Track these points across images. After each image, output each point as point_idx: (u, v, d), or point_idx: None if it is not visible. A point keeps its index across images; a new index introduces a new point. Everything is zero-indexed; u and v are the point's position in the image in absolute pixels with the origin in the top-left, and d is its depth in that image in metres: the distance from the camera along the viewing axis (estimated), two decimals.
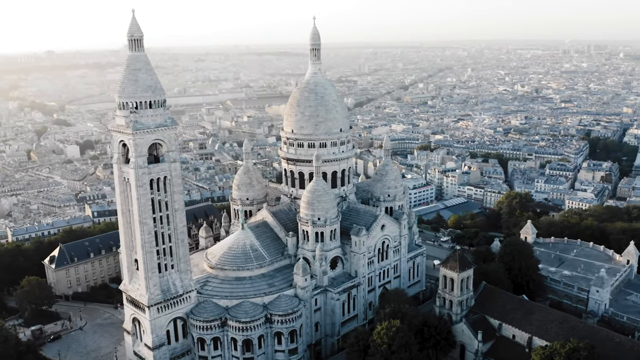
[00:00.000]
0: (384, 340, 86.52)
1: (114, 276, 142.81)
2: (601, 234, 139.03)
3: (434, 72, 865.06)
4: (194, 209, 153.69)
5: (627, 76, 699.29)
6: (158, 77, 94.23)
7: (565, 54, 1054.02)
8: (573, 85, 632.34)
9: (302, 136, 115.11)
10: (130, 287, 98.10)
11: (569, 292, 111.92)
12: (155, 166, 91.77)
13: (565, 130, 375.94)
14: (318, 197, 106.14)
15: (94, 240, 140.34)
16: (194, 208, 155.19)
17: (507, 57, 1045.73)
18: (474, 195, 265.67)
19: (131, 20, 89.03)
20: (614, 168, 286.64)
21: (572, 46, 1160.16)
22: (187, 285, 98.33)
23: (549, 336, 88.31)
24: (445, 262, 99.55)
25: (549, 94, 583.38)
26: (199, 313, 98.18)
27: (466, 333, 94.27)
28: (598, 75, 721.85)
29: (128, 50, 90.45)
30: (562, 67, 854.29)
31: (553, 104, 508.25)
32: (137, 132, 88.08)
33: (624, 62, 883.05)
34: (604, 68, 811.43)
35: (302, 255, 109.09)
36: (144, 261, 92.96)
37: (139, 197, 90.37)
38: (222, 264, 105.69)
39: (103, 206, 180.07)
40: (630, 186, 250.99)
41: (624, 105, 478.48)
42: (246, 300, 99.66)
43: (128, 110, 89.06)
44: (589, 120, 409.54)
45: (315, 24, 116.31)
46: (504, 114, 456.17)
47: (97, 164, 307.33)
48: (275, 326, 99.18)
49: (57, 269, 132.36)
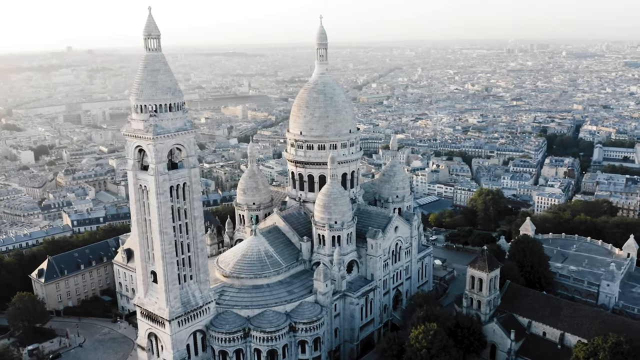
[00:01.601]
0: (423, 344, 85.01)
1: (105, 288, 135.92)
2: (595, 228, 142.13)
3: (384, 72, 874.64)
4: None
5: (572, 74, 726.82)
6: (109, 79, 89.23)
7: (510, 53, 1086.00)
8: (521, 84, 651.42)
9: (312, 138, 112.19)
10: (147, 301, 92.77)
11: (579, 287, 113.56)
12: (175, 172, 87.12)
13: (521, 128, 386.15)
14: (334, 200, 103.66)
15: (83, 251, 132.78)
16: None
17: (454, 57, 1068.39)
18: (444, 193, 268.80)
19: (147, 18, 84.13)
20: (576, 163, 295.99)
21: (515, 45, 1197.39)
22: (206, 296, 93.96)
23: (581, 332, 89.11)
24: (473, 263, 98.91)
25: (499, 92, 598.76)
26: (220, 325, 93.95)
27: (498, 333, 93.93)
28: (544, 74, 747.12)
29: (145, 50, 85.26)
30: (508, 65, 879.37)
31: (505, 102, 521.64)
32: (158, 137, 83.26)
33: (567, 60, 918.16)
34: (548, 66, 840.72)
35: (318, 260, 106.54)
36: (164, 273, 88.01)
37: (159, 206, 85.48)
38: (237, 272, 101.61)
39: (83, 215, 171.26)
40: (593, 181, 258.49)
41: (573, 102, 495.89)
42: (268, 309, 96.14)
43: (146, 113, 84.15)
44: (543, 117, 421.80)
45: (321, 23, 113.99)
46: (459, 113, 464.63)
47: (55, 170, 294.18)
48: (299, 334, 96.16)
49: (46, 282, 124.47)
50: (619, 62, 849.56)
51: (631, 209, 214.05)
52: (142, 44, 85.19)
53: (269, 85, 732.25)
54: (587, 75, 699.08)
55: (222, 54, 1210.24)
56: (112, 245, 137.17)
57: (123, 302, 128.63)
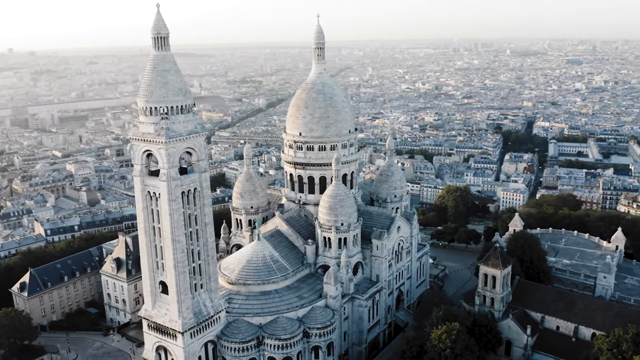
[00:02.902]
0: (447, 344, 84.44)
1: (89, 300, 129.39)
2: (579, 222, 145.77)
3: (335, 72, 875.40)
4: None
5: (518, 71, 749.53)
6: (54, 82, 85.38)
7: (455, 52, 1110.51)
8: (470, 82, 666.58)
9: (313, 139, 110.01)
10: (155, 313, 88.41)
11: (576, 280, 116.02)
12: (186, 177, 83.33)
13: (476, 125, 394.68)
14: (340, 201, 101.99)
15: (65, 262, 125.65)
16: None
17: (401, 57, 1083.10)
18: (411, 190, 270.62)
19: (156, 16, 79.99)
20: (535, 159, 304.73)
21: (460, 44, 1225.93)
22: (217, 305, 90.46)
23: (595, 324, 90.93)
24: (486, 260, 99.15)
25: (450, 90, 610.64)
26: (232, 334, 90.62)
27: (513, 329, 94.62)
28: (491, 72, 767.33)
29: (153, 50, 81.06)
30: (456, 64, 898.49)
31: (456, 100, 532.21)
32: (170, 141, 79.35)
33: (511, 59, 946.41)
34: (494, 65, 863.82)
35: (323, 263, 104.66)
36: (176, 283, 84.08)
37: (171, 213, 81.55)
38: (244, 279, 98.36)
39: (56, 223, 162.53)
40: (554, 176, 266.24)
41: (521, 100, 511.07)
42: (281, 316, 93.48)
43: (157, 116, 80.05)
44: (497, 114, 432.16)
45: (319, 22, 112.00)
46: (414, 111, 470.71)
47: (8, 176, 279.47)
48: (313, 340, 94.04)
49: (30, 297, 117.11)
50: (562, 60, 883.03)
51: (594, 202, 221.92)
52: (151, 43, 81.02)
53: (220, 85, 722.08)
54: (532, 73, 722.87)
55: None
56: (95, 254, 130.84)
57: (112, 313, 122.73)
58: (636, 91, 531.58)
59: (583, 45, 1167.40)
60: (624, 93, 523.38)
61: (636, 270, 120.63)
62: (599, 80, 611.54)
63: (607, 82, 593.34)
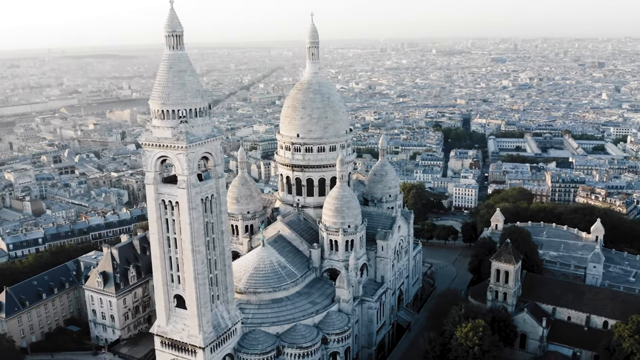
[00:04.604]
0: (475, 342, 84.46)
1: (68, 317, 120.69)
2: (552, 214, 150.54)
3: (267, 72, 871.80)
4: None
5: (446, 70, 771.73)
6: None
7: (383, 52, 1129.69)
8: (401, 81, 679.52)
9: (311, 140, 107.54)
10: (170, 329, 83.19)
11: (566, 271, 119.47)
12: (204, 184, 78.83)
13: (416, 123, 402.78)
14: (347, 203, 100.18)
15: (42, 278, 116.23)
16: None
17: (331, 57, 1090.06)
18: None
19: (170, 13, 75.15)
20: (480, 155, 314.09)
21: (387, 44, 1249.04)
22: (233, 316, 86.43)
23: (606, 312, 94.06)
24: (499, 256, 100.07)
25: (383, 89, 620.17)
26: (251, 345, 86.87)
27: (528, 322, 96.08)
28: (420, 71, 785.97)
29: (166, 49, 76.08)
30: (385, 64, 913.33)
31: (392, 99, 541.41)
32: (191, 145, 74.77)
33: (438, 58, 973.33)
34: (422, 64, 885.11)
35: (330, 267, 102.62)
36: (196, 296, 79.43)
37: (191, 222, 76.90)
38: (254, 287, 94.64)
39: (19, 237, 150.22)
40: (500, 170, 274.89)
41: (453, 97, 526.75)
42: (299, 324, 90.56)
43: (174, 119, 75.16)
44: (434, 112, 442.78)
45: (313, 20, 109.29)
46: (352, 111, 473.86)
47: None
48: (331, 346, 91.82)
49: (8, 317, 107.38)
50: (487, 58, 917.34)
51: (544, 195, 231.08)
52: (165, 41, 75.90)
53: (150, 87, 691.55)
54: (460, 72, 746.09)
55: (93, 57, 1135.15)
56: (72, 268, 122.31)
57: (98, 331, 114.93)
58: (560, 87, 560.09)
59: (505, 43, 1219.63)
60: (549, 89, 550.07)
61: (616, 258, 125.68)
62: (524, 77, 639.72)
63: (532, 79, 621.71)
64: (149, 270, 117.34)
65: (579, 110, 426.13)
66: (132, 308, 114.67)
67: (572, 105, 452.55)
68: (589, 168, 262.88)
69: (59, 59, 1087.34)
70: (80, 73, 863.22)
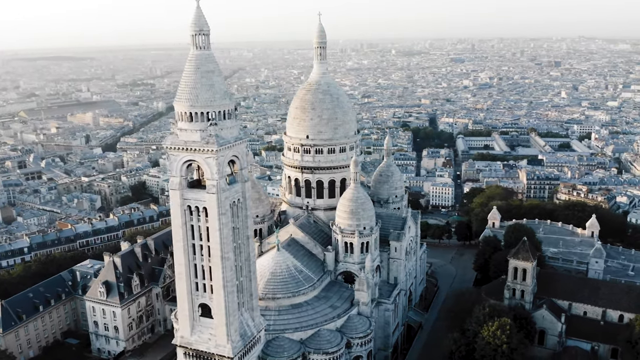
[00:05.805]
0: (503, 340, 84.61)
1: (65, 330, 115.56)
2: (545, 211, 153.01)
3: (229, 74, 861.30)
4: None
5: (407, 70, 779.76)
6: None
7: (343, 53, 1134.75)
8: (364, 82, 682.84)
9: (322, 142, 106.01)
10: (195, 339, 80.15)
11: (568, 266, 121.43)
12: (231, 187, 76.30)
13: (384, 123, 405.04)
14: (362, 205, 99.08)
15: (37, 290, 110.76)
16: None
17: (292, 57, 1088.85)
18: None
19: (196, 12, 72.50)
20: (452, 154, 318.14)
21: (347, 45, 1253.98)
22: (258, 324, 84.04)
23: (621, 306, 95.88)
24: (516, 254, 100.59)
25: (347, 90, 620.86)
26: (276, 353, 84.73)
27: (547, 318, 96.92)
28: (381, 71, 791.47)
29: (192, 49, 73.33)
30: (346, 65, 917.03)
31: (356, 100, 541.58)
32: (221, 149, 72.25)
33: (397, 59, 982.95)
34: (383, 64, 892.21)
35: (345, 270, 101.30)
36: (225, 304, 76.71)
37: (220, 227, 74.22)
38: (272, 293, 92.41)
39: (3, 246, 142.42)
40: (474, 169, 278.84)
41: (417, 97, 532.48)
42: (322, 329, 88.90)
43: (202, 122, 72.41)
44: (401, 112, 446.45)
45: (320, 20, 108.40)
46: None
47: None
48: (354, 350, 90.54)
49: (5, 332, 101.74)
50: (446, 59, 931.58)
51: (519, 192, 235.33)
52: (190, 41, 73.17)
53: (110, 89, 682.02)
54: (421, 72, 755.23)
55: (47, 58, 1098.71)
56: (67, 278, 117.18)
57: (100, 343, 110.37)
58: (520, 86, 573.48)
59: (462, 44, 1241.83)
60: (509, 88, 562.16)
61: (612, 253, 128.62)
62: (484, 77, 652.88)
63: (492, 78, 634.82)
64: (152, 278, 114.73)
65: (540, 109, 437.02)
66: (136, 318, 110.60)
67: (533, 104, 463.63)
68: (559, 165, 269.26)
69: (12, 61, 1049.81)
70: (37, 76, 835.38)
